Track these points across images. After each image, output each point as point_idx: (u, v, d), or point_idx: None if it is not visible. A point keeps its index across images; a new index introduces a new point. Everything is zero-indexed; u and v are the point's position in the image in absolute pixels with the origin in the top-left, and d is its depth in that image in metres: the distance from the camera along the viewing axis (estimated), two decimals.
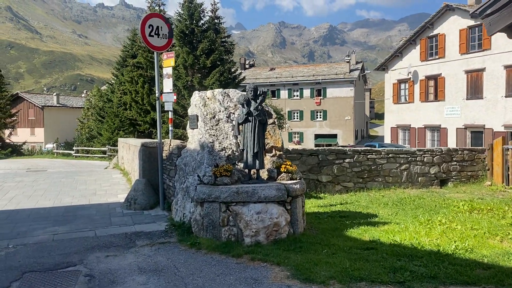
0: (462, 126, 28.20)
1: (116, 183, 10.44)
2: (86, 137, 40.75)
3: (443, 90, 29.97)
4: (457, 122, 28.64)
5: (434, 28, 30.46)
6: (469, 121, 27.78)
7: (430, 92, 31.63)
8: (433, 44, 30.95)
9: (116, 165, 15.47)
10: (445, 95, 29.72)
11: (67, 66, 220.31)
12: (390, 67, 35.23)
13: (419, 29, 31.75)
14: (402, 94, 34.27)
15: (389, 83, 35.26)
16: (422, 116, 31.69)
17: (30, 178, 11.85)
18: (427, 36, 31.30)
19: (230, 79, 29.85)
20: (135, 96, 30.33)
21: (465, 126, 28.05)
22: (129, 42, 38.52)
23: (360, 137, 53.89)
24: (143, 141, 7.90)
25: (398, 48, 33.99)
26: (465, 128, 28.13)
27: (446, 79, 29.53)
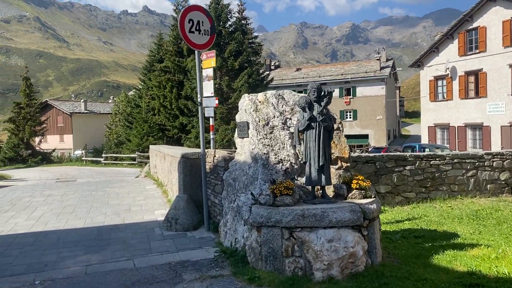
0: (508, 124, 26.40)
1: (151, 196, 9.60)
2: (115, 143, 40.54)
3: (484, 86, 28.20)
4: (501, 119, 26.83)
5: (474, 21, 28.71)
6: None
7: (471, 89, 29.87)
8: (473, 38, 29.20)
9: (148, 174, 14.72)
10: (487, 91, 27.94)
11: (93, 73, 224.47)
12: (425, 63, 33.58)
13: (457, 22, 30.06)
14: (439, 91, 32.59)
15: (425, 80, 33.61)
16: (462, 114, 29.96)
17: (59, 191, 11.16)
18: (466, 29, 29.57)
19: (258, 81, 28.96)
20: (163, 101, 29.75)
21: (511, 123, 26.26)
22: (155, 47, 38.16)
23: (392, 137, 52.05)
24: (183, 151, 7.01)
25: (434, 44, 32.33)
26: (510, 126, 26.33)
27: (488, 74, 27.77)
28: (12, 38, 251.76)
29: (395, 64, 52.82)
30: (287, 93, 5.89)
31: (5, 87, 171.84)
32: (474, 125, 29.27)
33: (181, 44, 30.81)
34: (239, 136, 5.91)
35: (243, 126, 5.72)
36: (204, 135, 8.61)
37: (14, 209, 8.57)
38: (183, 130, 29.70)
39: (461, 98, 30.19)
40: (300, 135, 5.19)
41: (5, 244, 6.17)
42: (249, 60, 29.37)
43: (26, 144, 37.58)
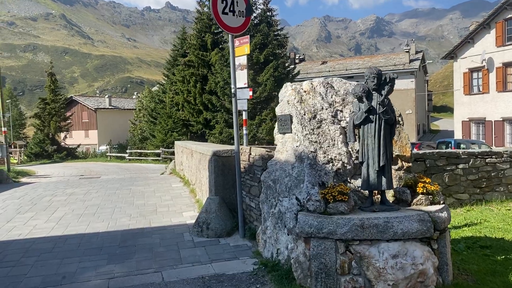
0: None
1: (178, 195, 8.98)
2: (139, 138, 40.44)
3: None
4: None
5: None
6: None
7: (509, 81, 28.31)
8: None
9: (173, 171, 14.16)
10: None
11: (117, 69, 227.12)
12: (459, 55, 32.06)
13: (494, 11, 28.48)
14: (474, 84, 31.06)
15: (459, 73, 32.11)
16: (499, 107, 28.42)
17: (82, 189, 10.67)
18: (504, 18, 27.99)
19: (284, 75, 28.13)
20: (187, 96, 29.27)
21: None
22: (179, 41, 37.72)
23: (421, 132, 50.38)
24: (214, 148, 6.31)
25: (469, 34, 30.79)
26: None
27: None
28: (39, 35, 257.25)
29: (424, 57, 51.04)
30: (337, 81, 5.11)
31: (33, 84, 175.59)
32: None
33: (205, 38, 30.21)
34: (280, 131, 5.17)
35: (285, 120, 4.96)
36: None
37: (34, 209, 8.08)
38: (207, 125, 29.17)
39: (498, 91, 28.66)
40: (355, 130, 4.42)
41: (22, 250, 5.62)
42: (274, 53, 28.55)
43: (52, 140, 37.79)
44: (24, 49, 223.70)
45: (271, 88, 26.05)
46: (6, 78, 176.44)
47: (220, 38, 30.84)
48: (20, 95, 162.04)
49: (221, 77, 27.07)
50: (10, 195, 9.86)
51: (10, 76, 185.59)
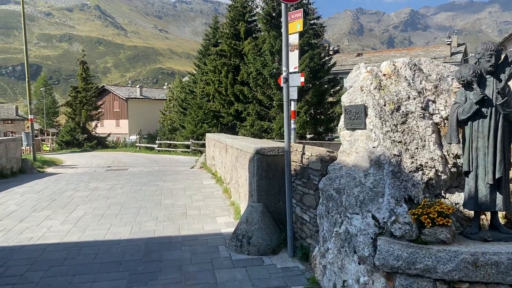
0: None
1: (210, 194, 8.00)
2: (168, 129, 40.00)
3: None
4: None
5: None
6: None
7: None
8: None
9: (203, 165, 13.22)
10: None
11: (149, 60, 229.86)
12: (509, 47, 29.78)
13: None
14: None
15: None
16: None
17: (107, 183, 9.84)
18: None
19: (319, 66, 26.77)
20: (218, 86, 28.36)
21: None
22: (211, 31, 36.86)
23: None
24: (257, 145, 5.22)
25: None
26: None
27: None
28: (74, 26, 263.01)
29: (467, 50, 48.36)
30: (427, 62, 3.92)
31: (67, 73, 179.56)
32: None
33: (238, 27, 29.16)
34: (347, 126, 4.01)
35: (357, 112, 3.80)
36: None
37: (52, 206, 7.25)
38: (238, 117, 28.21)
39: None
40: (458, 127, 3.24)
41: (30, 261, 4.73)
42: (310, 43, 27.22)
43: (82, 128, 37.77)
44: (60, 39, 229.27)
45: (307, 79, 24.73)
46: (42, 67, 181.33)
47: (253, 27, 29.72)
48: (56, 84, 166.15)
49: (254, 67, 25.99)
50: (30, 188, 9.12)
51: (46, 65, 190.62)
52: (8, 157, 11.50)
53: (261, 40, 27.06)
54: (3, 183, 9.85)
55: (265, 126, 25.60)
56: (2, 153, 11.09)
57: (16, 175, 11.68)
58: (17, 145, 12.24)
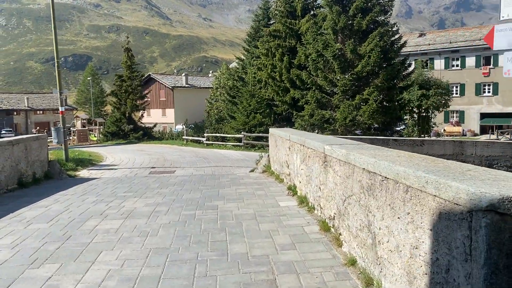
0: None
1: (300, 234, 5.09)
2: (215, 118, 37.84)
3: None
4: None
5: None
6: None
7: None
8: None
9: (267, 169, 10.48)
10: None
11: (194, 49, 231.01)
12: None
13: None
14: None
15: None
16: None
17: (147, 201, 7.24)
18: None
19: (388, 45, 23.26)
20: (271, 71, 25.46)
21: None
22: (260, 12, 34.03)
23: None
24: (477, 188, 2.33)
25: None
26: None
27: None
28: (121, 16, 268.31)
29: None
30: None
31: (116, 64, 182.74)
32: None
33: (294, 3, 26.01)
34: None
35: None
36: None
37: (61, 254, 4.66)
38: (294, 106, 25.26)
39: None
40: None
41: None
42: (376, 21, 23.75)
43: (128, 119, 36.23)
44: (108, 30, 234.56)
45: (376, 61, 21.39)
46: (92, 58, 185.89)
47: (312, 2, 26.46)
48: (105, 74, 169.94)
49: (314, 48, 22.87)
50: (45, 210, 6.65)
51: (96, 55, 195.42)
52: (29, 160, 9.22)
53: (321, 17, 23.81)
54: (15, 199, 7.51)
55: (326, 115, 22.49)
56: (20, 156, 8.80)
57: (39, 182, 9.41)
58: (42, 145, 9.94)
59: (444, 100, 34.57)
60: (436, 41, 44.94)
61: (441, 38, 45.46)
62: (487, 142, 11.28)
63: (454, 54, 42.57)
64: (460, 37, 44.05)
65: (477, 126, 42.21)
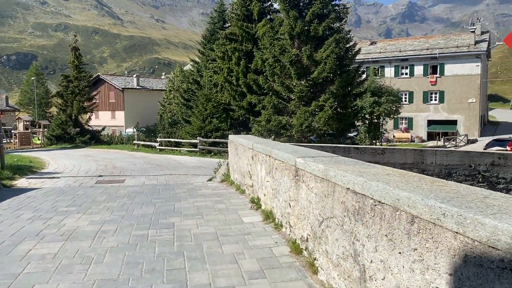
0: None
1: (269, 257, 4.51)
2: (168, 122, 36.72)
3: None
4: None
5: None
6: None
7: None
8: None
9: (226, 178, 9.91)
10: None
11: (146, 50, 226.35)
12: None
13: None
14: None
15: None
16: None
17: (93, 218, 6.43)
18: None
19: (343, 52, 23.37)
20: (228, 75, 24.88)
21: None
22: (216, 14, 33.43)
23: (482, 124, 44.71)
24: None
25: None
26: None
27: None
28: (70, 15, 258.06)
29: (490, 39, 44.92)
30: None
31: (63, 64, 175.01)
32: None
33: (250, 7, 25.60)
34: None
35: None
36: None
37: None
38: (251, 111, 24.83)
39: None
40: None
41: None
42: (332, 28, 23.86)
43: (75, 121, 34.34)
44: (55, 29, 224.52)
45: (332, 67, 21.38)
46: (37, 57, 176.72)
47: (268, 7, 26.18)
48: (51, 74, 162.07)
49: (270, 53, 22.54)
50: None
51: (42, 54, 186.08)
52: None
53: (277, 22, 23.56)
54: None
55: (283, 121, 22.20)
56: None
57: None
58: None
59: (395, 107, 35.51)
60: (387, 49, 46.25)
61: (391, 46, 46.87)
62: (446, 151, 11.33)
63: (404, 62, 43.99)
64: (408, 46, 45.61)
65: (424, 132, 43.76)
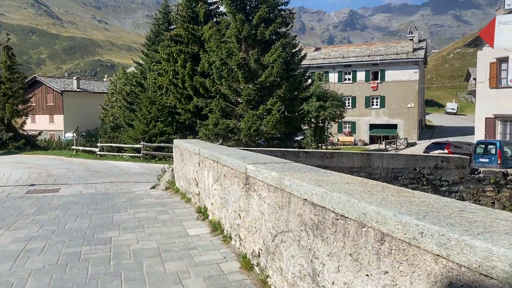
0: None
1: (218, 275, 4.18)
2: (110, 126, 35.19)
3: None
4: None
5: None
6: None
7: None
8: None
9: (171, 185, 9.39)
10: None
11: (87, 52, 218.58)
12: (486, 42, 28.15)
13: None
14: (503, 76, 27.35)
15: (484, 63, 28.27)
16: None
17: (17, 235, 5.70)
18: None
19: (289, 57, 23.50)
20: (173, 77, 24.14)
21: None
22: (160, 15, 32.59)
23: (420, 128, 46.90)
24: None
25: None
26: None
27: None
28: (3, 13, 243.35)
29: (427, 46, 47.33)
30: None
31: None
32: None
33: (196, 8, 25.06)
34: None
35: None
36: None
37: None
38: (197, 114, 24.27)
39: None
40: None
41: None
42: (278, 32, 23.96)
43: (7, 126, 32.01)
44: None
45: (279, 71, 21.38)
46: None
47: (215, 9, 25.77)
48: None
49: (217, 56, 22.17)
50: None
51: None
52: None
53: (224, 24, 23.23)
54: None
55: (231, 125, 21.86)
56: None
57: None
58: None
59: (339, 112, 36.32)
60: (331, 55, 47.36)
61: (335, 53, 48.07)
62: (392, 154, 11.50)
63: (347, 68, 45.19)
64: (351, 52, 46.98)
65: (367, 136, 45.16)
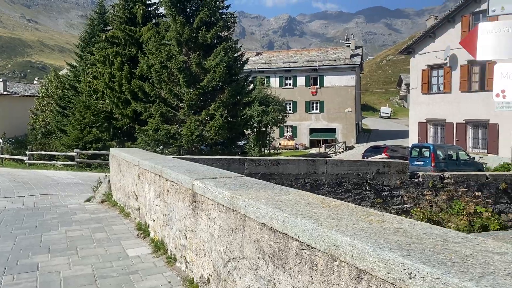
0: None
1: None
2: (42, 132, 32.99)
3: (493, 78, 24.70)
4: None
5: (482, 2, 24.96)
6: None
7: (474, 80, 26.34)
8: (480, 22, 25.60)
9: (108, 197, 8.74)
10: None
11: (15, 52, 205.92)
12: (418, 50, 29.73)
13: (462, 4, 26.28)
14: (434, 82, 28.96)
15: (416, 70, 29.79)
16: (462, 109, 26.36)
17: None
18: (472, 12, 25.93)
19: (231, 61, 23.28)
20: (109, 81, 22.99)
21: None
22: (95, 16, 31.11)
23: (357, 131, 48.60)
24: None
25: (431, 28, 28.47)
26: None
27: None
28: None
29: (363, 53, 49.19)
30: None
31: None
32: (477, 122, 25.77)
33: (134, 10, 24.08)
34: None
35: None
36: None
37: None
38: (136, 119, 23.29)
39: (462, 91, 26.63)
40: None
41: None
42: (220, 36, 23.67)
43: None
44: None
45: (222, 76, 21.05)
46: None
47: (154, 10, 24.91)
48: None
49: (157, 59, 21.43)
50: None
51: None
52: None
53: (163, 26, 22.52)
54: None
55: (172, 131, 21.17)
56: None
57: None
58: None
59: (281, 116, 36.66)
60: (272, 60, 47.80)
61: (276, 58, 48.59)
62: (336, 160, 11.56)
63: (287, 73, 45.80)
64: (291, 58, 47.73)
65: (307, 140, 46.01)
